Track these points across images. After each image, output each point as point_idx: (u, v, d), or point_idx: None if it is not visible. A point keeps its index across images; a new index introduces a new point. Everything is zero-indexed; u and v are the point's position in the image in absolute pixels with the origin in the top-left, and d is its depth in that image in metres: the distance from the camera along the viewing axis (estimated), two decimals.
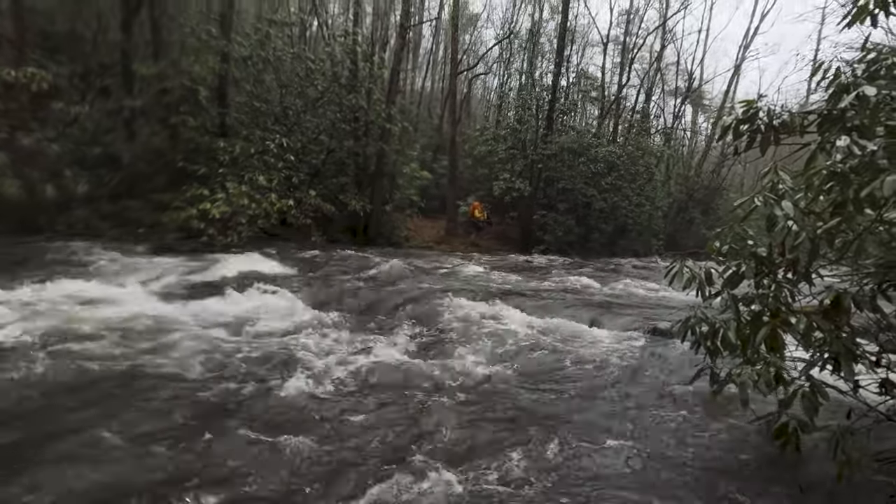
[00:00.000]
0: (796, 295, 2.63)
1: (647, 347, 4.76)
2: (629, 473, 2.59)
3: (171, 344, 4.13)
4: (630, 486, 2.48)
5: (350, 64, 13.08)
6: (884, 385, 2.48)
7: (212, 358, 3.90)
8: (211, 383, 3.44)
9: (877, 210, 2.24)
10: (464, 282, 7.88)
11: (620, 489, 2.45)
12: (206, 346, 4.13)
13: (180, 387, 3.35)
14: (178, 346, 4.09)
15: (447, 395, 3.47)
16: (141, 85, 10.03)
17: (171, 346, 4.10)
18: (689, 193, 21.43)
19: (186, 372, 3.61)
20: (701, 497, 2.39)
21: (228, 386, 3.41)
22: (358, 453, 2.66)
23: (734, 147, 3.00)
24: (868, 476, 2.40)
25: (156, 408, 3.03)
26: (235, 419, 2.96)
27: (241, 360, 3.91)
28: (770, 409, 2.71)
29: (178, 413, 2.97)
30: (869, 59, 2.59)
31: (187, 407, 3.06)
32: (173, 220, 9.02)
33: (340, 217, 12.77)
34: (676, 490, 2.45)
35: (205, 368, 3.70)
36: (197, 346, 4.11)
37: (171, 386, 3.34)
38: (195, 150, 10.08)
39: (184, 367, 3.69)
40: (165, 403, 3.09)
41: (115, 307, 4.88)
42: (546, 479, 2.51)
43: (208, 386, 3.39)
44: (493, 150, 18.27)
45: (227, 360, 3.88)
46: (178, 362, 3.76)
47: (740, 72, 23.13)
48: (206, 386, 3.38)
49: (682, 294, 3.34)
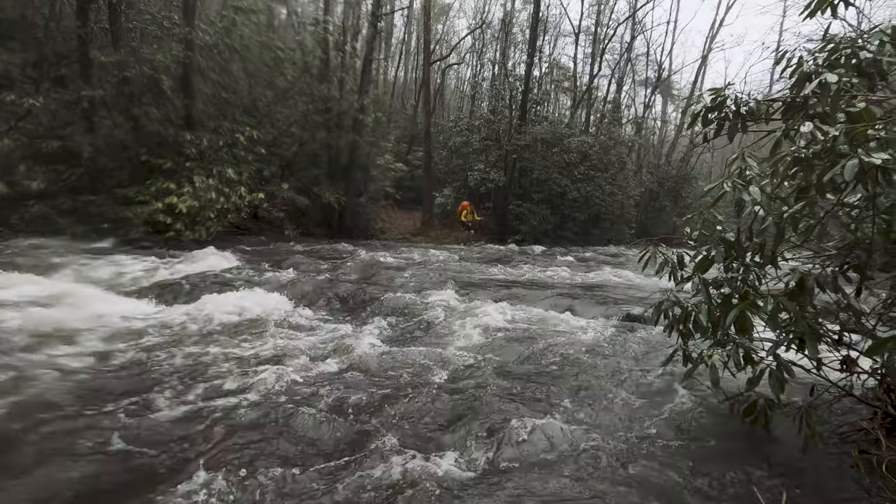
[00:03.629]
0: (763, 278, 2.72)
1: (621, 333, 4.85)
2: (602, 452, 2.64)
3: (129, 345, 3.99)
4: (603, 464, 2.54)
5: (321, 53, 12.82)
6: (844, 362, 2.59)
7: (177, 355, 3.79)
8: (176, 382, 3.34)
9: (838, 194, 2.32)
10: (439, 273, 7.88)
11: (593, 468, 2.49)
12: (169, 345, 4.01)
13: (146, 387, 3.24)
14: (139, 345, 3.96)
15: (421, 385, 3.47)
16: (100, 74, 9.58)
17: (130, 347, 3.96)
18: (659, 182, 21.93)
19: (151, 371, 3.50)
20: (673, 473, 2.46)
21: (194, 383, 3.33)
22: (331, 443, 2.63)
23: (703, 135, 3.06)
24: (830, 448, 2.52)
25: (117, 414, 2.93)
26: (193, 416, 2.88)
27: (210, 358, 3.81)
28: (740, 388, 2.80)
29: (155, 412, 2.88)
30: (829, 49, 2.67)
31: (159, 409, 2.97)
32: (138, 216, 8.72)
33: (314, 210, 12.59)
34: (649, 467, 2.52)
35: (171, 367, 3.59)
36: (160, 345, 3.98)
37: (134, 387, 3.24)
38: (160, 143, 9.72)
39: (147, 366, 3.58)
40: (133, 406, 2.99)
41: (59, 307, 4.67)
42: (517, 462, 2.54)
43: (177, 383, 3.29)
44: (468, 140, 18.27)
45: (195, 358, 3.78)
46: (140, 363, 3.65)
47: (707, 62, 23.75)
48: (175, 383, 3.29)
49: (654, 281, 3.42)
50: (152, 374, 3.45)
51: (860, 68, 2.51)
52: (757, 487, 2.33)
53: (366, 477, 2.36)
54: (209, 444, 2.60)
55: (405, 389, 3.39)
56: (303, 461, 2.48)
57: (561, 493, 2.28)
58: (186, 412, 2.94)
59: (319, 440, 2.70)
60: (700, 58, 23.55)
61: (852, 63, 2.54)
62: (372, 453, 2.57)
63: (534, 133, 16.83)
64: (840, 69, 2.51)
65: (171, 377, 3.41)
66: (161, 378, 3.39)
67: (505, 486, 2.32)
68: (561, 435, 2.79)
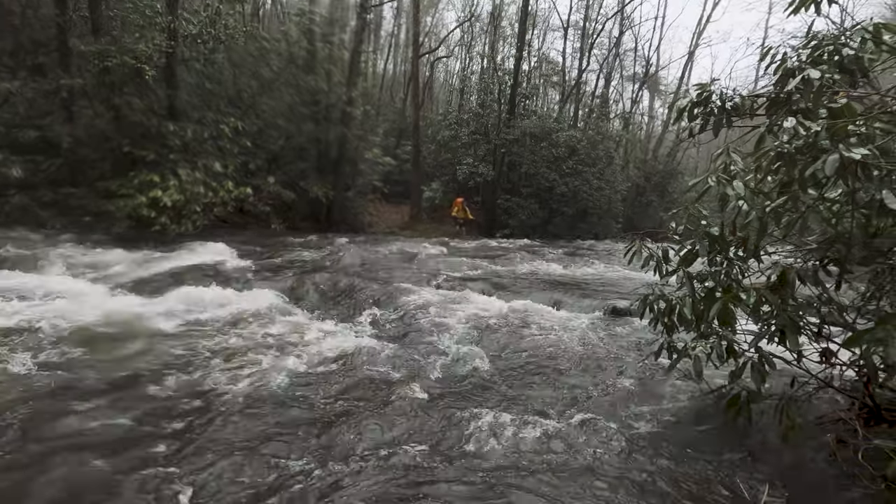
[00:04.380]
0: (746, 271, 2.76)
1: (607, 326, 4.90)
2: (586, 443, 2.67)
3: (117, 341, 3.93)
4: (587, 455, 2.57)
5: (307, 44, 12.63)
6: (824, 354, 2.64)
7: (163, 351, 3.74)
8: (165, 377, 3.30)
9: (819, 189, 2.36)
10: (428, 267, 7.87)
11: (578, 459, 2.52)
12: (157, 340, 3.96)
13: (135, 383, 3.20)
14: (126, 344, 3.89)
15: (412, 377, 3.47)
16: (79, 63, 9.33)
17: (117, 343, 3.90)
18: (646, 177, 22.09)
19: (139, 367, 3.45)
20: (657, 463, 2.50)
21: (182, 378, 3.29)
22: (323, 438, 2.63)
23: (689, 130, 3.08)
24: (810, 438, 2.58)
25: (106, 407, 2.89)
26: (188, 411, 2.85)
27: (196, 352, 3.77)
28: (722, 381, 2.85)
29: (141, 409, 2.84)
30: (813, 45, 2.70)
31: (150, 403, 2.93)
32: (121, 209, 8.53)
33: (301, 204, 12.46)
34: (633, 458, 2.55)
35: (160, 362, 3.55)
36: (145, 341, 3.93)
37: (124, 384, 3.19)
38: (143, 134, 9.51)
39: (136, 361, 3.53)
40: (118, 402, 2.95)
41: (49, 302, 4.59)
42: (507, 452, 2.56)
43: (168, 378, 3.25)
44: (457, 134, 18.21)
45: (180, 353, 3.73)
46: (127, 358, 3.59)
47: (694, 58, 23.92)
48: (165, 379, 3.25)
49: (640, 275, 3.46)
50: (129, 368, 3.41)
51: (842, 65, 2.54)
52: (738, 477, 2.38)
53: (347, 467, 2.36)
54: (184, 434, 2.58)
55: (391, 382, 3.39)
56: (284, 453, 2.47)
57: (543, 485, 2.30)
58: (161, 406, 2.91)
59: (300, 431, 2.69)
60: (687, 54, 23.74)
61: (835, 60, 2.57)
62: (355, 445, 2.57)
63: (522, 127, 16.83)
64: (823, 66, 2.54)
65: (150, 371, 3.37)
66: (139, 372, 3.35)
67: (486, 476, 2.33)
68: (545, 428, 2.82)
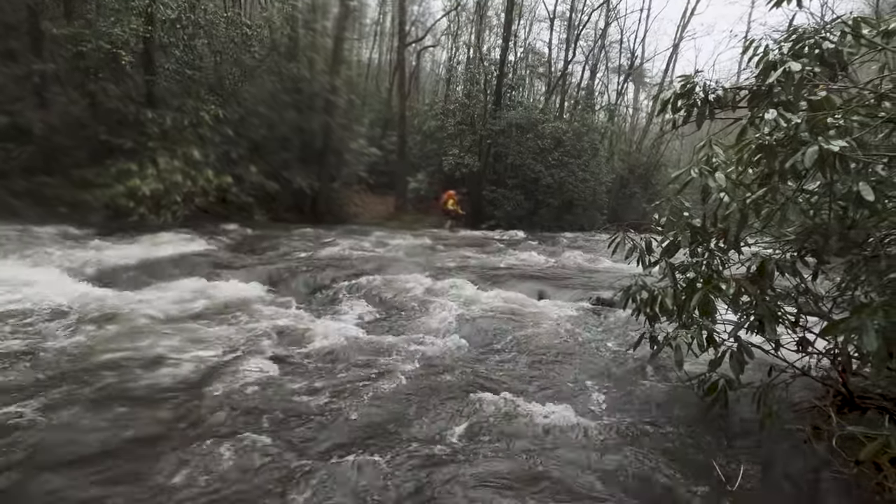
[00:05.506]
0: (727, 262, 2.80)
1: (592, 316, 4.95)
2: (570, 431, 2.70)
3: (95, 334, 3.84)
4: (571, 442, 2.60)
5: (290, 31, 12.39)
6: (800, 343, 2.71)
7: (145, 344, 3.67)
8: (147, 370, 3.24)
9: (798, 181, 2.39)
10: (414, 258, 7.85)
11: (561, 446, 2.55)
12: (138, 333, 3.88)
13: (120, 377, 3.13)
14: (107, 335, 3.81)
15: (397, 368, 3.46)
16: (52, 48, 9.02)
17: (95, 335, 3.81)
18: (630, 169, 22.27)
19: (125, 361, 3.38)
20: (638, 450, 2.54)
21: (164, 371, 3.23)
22: (308, 430, 2.61)
23: (672, 121, 3.10)
24: (786, 424, 2.64)
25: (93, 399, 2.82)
26: (169, 405, 2.81)
27: (178, 344, 3.71)
28: (702, 370, 2.90)
29: (123, 402, 2.79)
30: (794, 38, 2.72)
31: (133, 397, 2.88)
32: (98, 199, 8.32)
33: (285, 195, 12.29)
34: (615, 444, 2.59)
35: (143, 356, 3.48)
36: (126, 334, 3.85)
37: (103, 375, 3.12)
38: (120, 121, 9.26)
39: (117, 355, 3.45)
40: (99, 394, 2.89)
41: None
42: (491, 441, 2.58)
43: (148, 374, 3.19)
44: (443, 125, 18.09)
45: (152, 343, 3.66)
46: (110, 352, 3.52)
47: (678, 51, 24.08)
48: (145, 374, 3.19)
49: (624, 266, 3.49)
50: (102, 361, 3.33)
51: (823, 58, 2.57)
52: (716, 462, 2.43)
53: (333, 458, 2.34)
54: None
55: (376, 372, 3.38)
56: (264, 447, 2.44)
57: (527, 471, 2.32)
58: (136, 403, 2.86)
59: (283, 424, 2.66)
60: (671, 46, 23.86)
61: (815, 53, 2.59)
62: (340, 435, 2.55)
63: (508, 118, 16.80)
64: (804, 59, 2.56)
65: (121, 366, 3.29)
66: (111, 365, 3.27)
67: (472, 465, 2.34)
68: (529, 416, 2.84)
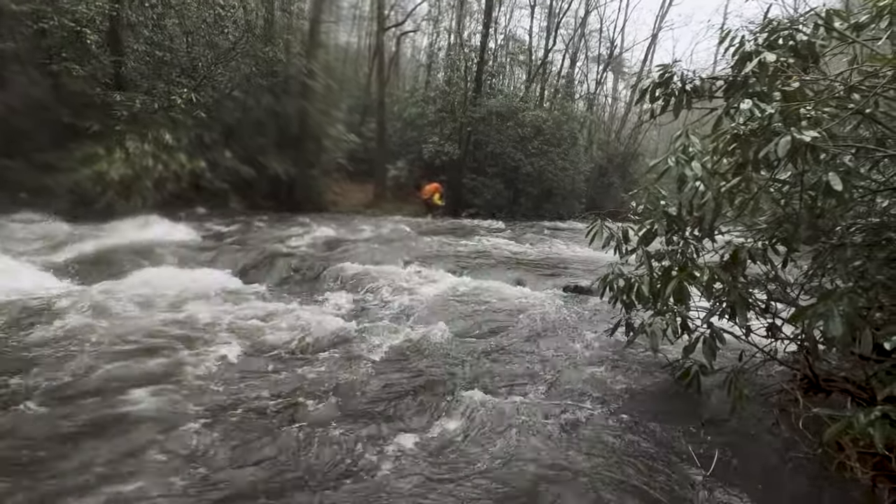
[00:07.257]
0: (701, 250, 2.85)
1: (569, 304, 5.01)
2: (548, 417, 2.74)
3: (58, 324, 3.70)
4: (548, 428, 2.63)
5: (265, 12, 12.02)
6: (770, 329, 2.79)
7: (98, 334, 3.54)
8: (120, 362, 3.14)
9: (771, 171, 2.44)
10: (393, 246, 7.79)
11: (537, 432, 2.58)
12: (106, 323, 3.76)
13: (85, 370, 3.03)
14: (50, 325, 3.67)
15: (372, 357, 3.45)
16: (11, 24, 8.54)
17: (58, 326, 3.67)
18: (608, 158, 22.50)
19: (84, 354, 3.27)
20: (614, 434, 2.59)
21: (139, 362, 3.15)
22: (280, 419, 2.58)
23: (651, 111, 3.12)
24: (756, 407, 2.73)
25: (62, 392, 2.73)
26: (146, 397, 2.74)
27: (148, 335, 3.60)
28: (677, 355, 2.97)
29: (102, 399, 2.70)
30: (769, 30, 2.76)
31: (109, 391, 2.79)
32: (61, 184, 7.98)
33: (261, 181, 11.99)
34: (592, 429, 2.64)
35: (111, 348, 3.37)
36: (90, 325, 3.72)
37: (66, 369, 3.02)
38: (85, 104, 8.85)
39: (77, 348, 3.34)
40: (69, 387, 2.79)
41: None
42: (464, 431, 2.59)
43: (101, 363, 3.10)
44: (424, 112, 17.90)
45: (119, 335, 3.55)
46: (50, 340, 3.40)
47: (657, 41, 24.31)
48: (98, 364, 3.09)
49: (601, 254, 3.52)
50: (69, 353, 3.22)
51: (796, 50, 2.61)
52: (691, 445, 2.50)
53: (310, 450, 2.33)
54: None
55: (354, 363, 3.36)
56: (240, 440, 2.41)
57: (506, 458, 2.34)
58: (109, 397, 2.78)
59: (258, 415, 2.63)
60: (650, 36, 24.09)
61: (789, 45, 2.64)
62: (316, 426, 2.53)
63: (489, 106, 16.72)
64: (778, 50, 2.60)
65: (88, 358, 3.19)
66: (79, 355, 3.17)
67: (449, 456, 2.36)
68: (508, 403, 2.87)
